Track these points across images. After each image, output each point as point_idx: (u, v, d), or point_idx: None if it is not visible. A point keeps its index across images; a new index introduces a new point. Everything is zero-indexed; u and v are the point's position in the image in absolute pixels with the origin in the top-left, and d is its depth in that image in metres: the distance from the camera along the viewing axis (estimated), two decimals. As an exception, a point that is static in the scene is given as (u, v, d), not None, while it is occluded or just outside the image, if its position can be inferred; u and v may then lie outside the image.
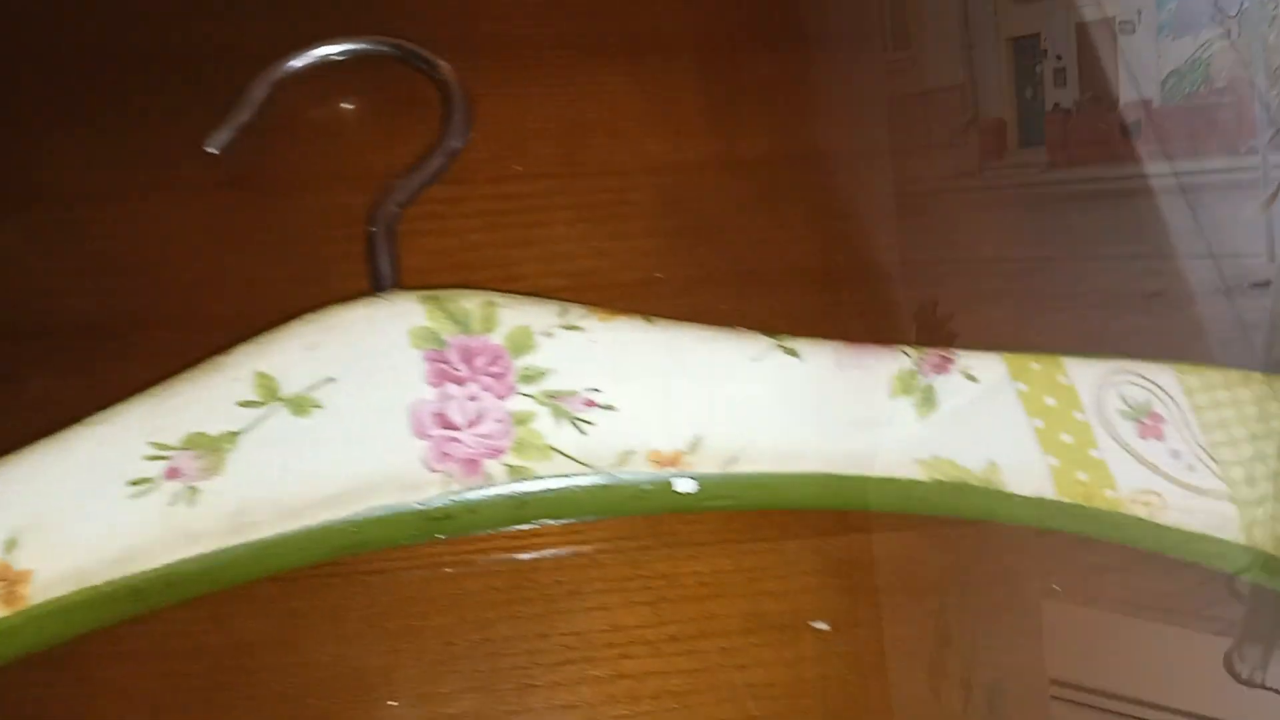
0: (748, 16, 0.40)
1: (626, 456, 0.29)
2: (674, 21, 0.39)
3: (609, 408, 0.29)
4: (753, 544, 0.30)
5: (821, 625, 0.29)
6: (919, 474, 0.30)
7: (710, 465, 0.29)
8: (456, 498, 0.28)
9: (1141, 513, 0.29)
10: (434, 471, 0.28)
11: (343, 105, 0.37)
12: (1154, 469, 0.30)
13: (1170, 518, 0.29)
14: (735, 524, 0.31)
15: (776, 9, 0.39)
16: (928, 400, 0.30)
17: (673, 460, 0.29)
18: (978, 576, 0.30)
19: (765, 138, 0.37)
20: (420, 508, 0.28)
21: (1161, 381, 0.31)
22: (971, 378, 0.31)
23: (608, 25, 0.39)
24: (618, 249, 0.35)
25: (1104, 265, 0.36)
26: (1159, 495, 0.29)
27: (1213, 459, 0.30)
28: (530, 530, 0.30)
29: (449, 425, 0.29)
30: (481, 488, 0.28)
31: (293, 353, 0.29)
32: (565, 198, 0.35)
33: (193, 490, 0.27)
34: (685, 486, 0.29)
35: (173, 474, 0.28)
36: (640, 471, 0.29)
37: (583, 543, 0.30)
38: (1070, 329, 0.34)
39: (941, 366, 0.31)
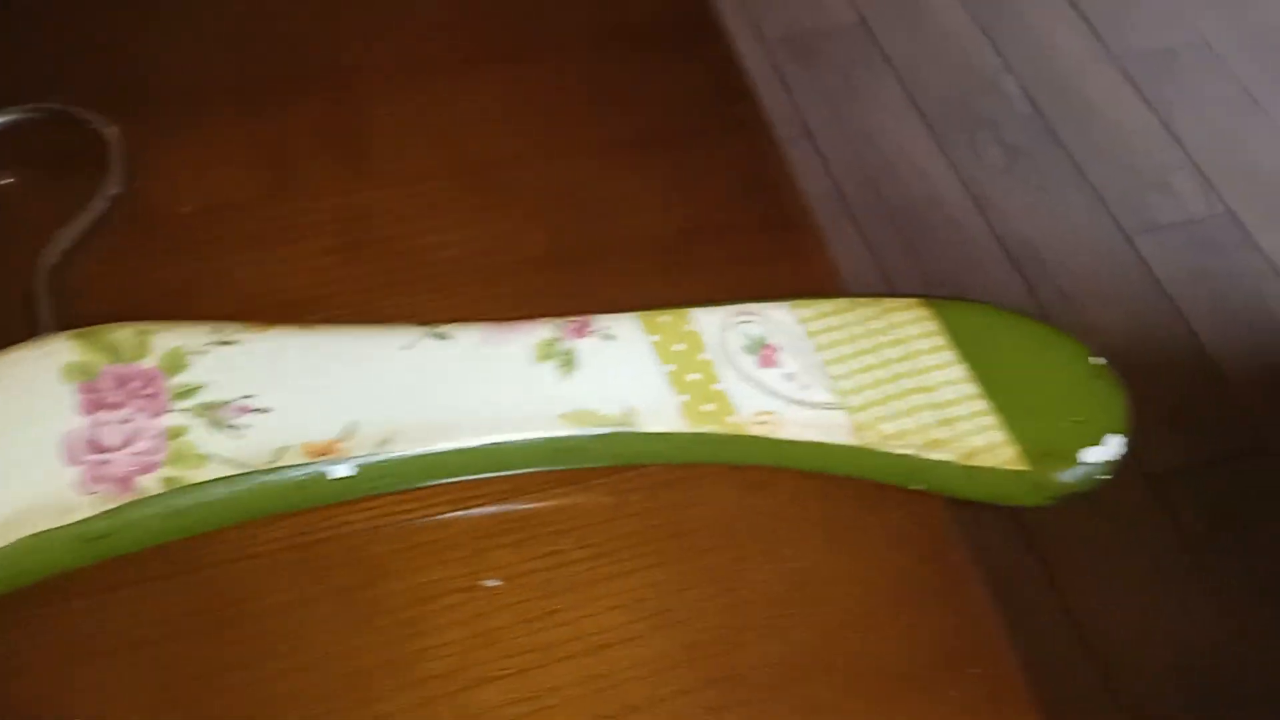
0: (396, 47, 0.43)
1: (281, 452, 0.31)
2: (321, 61, 0.42)
3: (263, 410, 0.31)
4: (421, 520, 0.32)
5: (493, 582, 0.32)
6: (564, 428, 0.32)
7: (365, 449, 0.31)
8: (112, 516, 0.29)
9: (760, 431, 0.32)
10: (87, 494, 0.29)
11: (5, 172, 0.38)
12: (772, 393, 0.33)
13: (787, 432, 0.32)
14: (404, 505, 0.32)
15: (427, 38, 0.43)
16: (568, 362, 0.33)
17: (327, 449, 0.31)
18: (638, 511, 0.33)
19: (422, 156, 0.40)
20: (75, 529, 0.29)
21: (777, 317, 0.35)
22: (609, 337, 0.34)
23: (264, 70, 0.41)
24: (288, 270, 0.37)
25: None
26: (775, 414, 0.33)
27: (827, 376, 0.34)
28: (205, 547, 0.31)
29: (101, 449, 0.30)
30: (137, 504, 0.30)
31: (-59, 404, 0.30)
32: (235, 228, 0.37)
33: None
34: (342, 471, 0.31)
35: None
36: (296, 464, 0.31)
37: (257, 550, 0.32)
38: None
39: (580, 330, 0.34)
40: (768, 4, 1.67)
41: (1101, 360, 0.34)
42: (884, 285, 1.37)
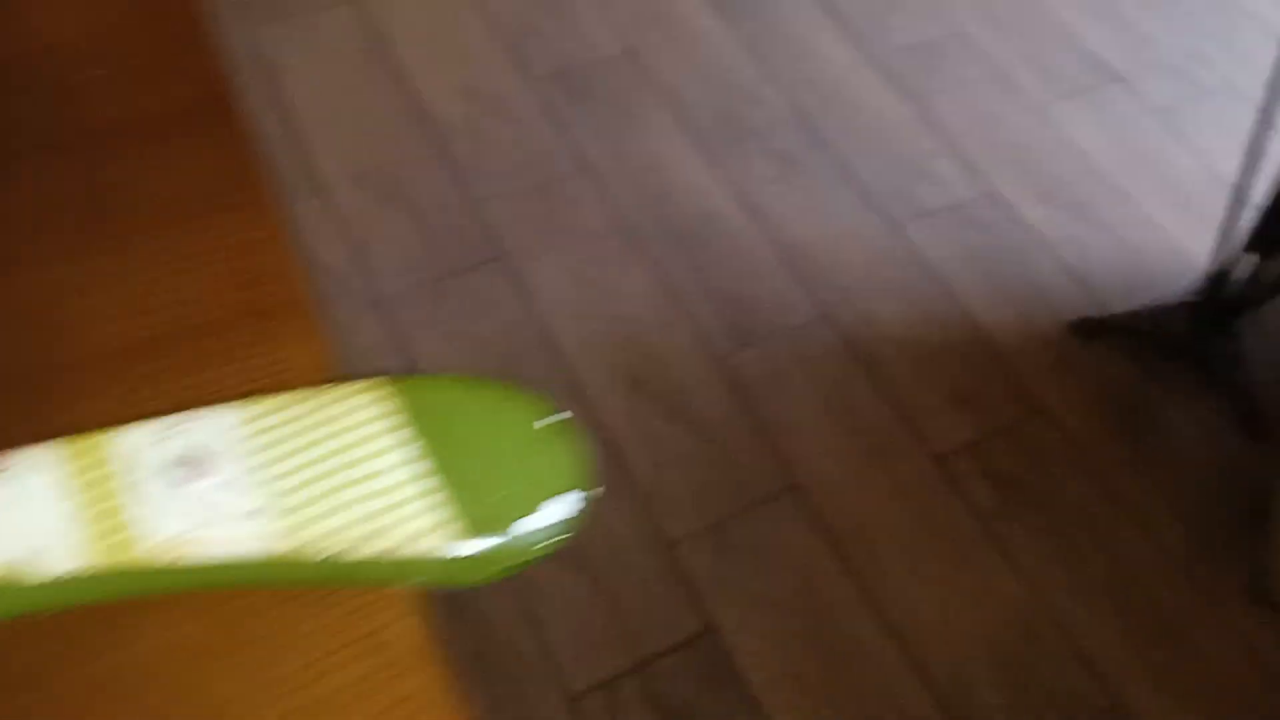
0: None
1: None
2: None
3: None
4: None
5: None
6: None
7: None
8: None
9: (177, 557, 0.31)
10: None
11: None
12: (197, 510, 0.31)
13: (209, 551, 0.31)
14: None
15: None
16: (-27, 509, 0.31)
17: None
18: (52, 668, 0.31)
19: None
20: None
21: (218, 422, 0.33)
22: (12, 476, 0.32)
23: None
24: None
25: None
26: (196, 534, 0.31)
27: (265, 480, 0.32)
28: None
29: None
30: None
31: None
32: None
33: None
34: None
35: None
36: None
37: None
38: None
39: (-10, 472, 0.32)
40: (535, 42, 1.68)
41: (558, 417, 0.34)
42: (673, 307, 1.37)
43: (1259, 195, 1.46)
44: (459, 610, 1.14)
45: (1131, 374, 1.34)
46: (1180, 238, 1.48)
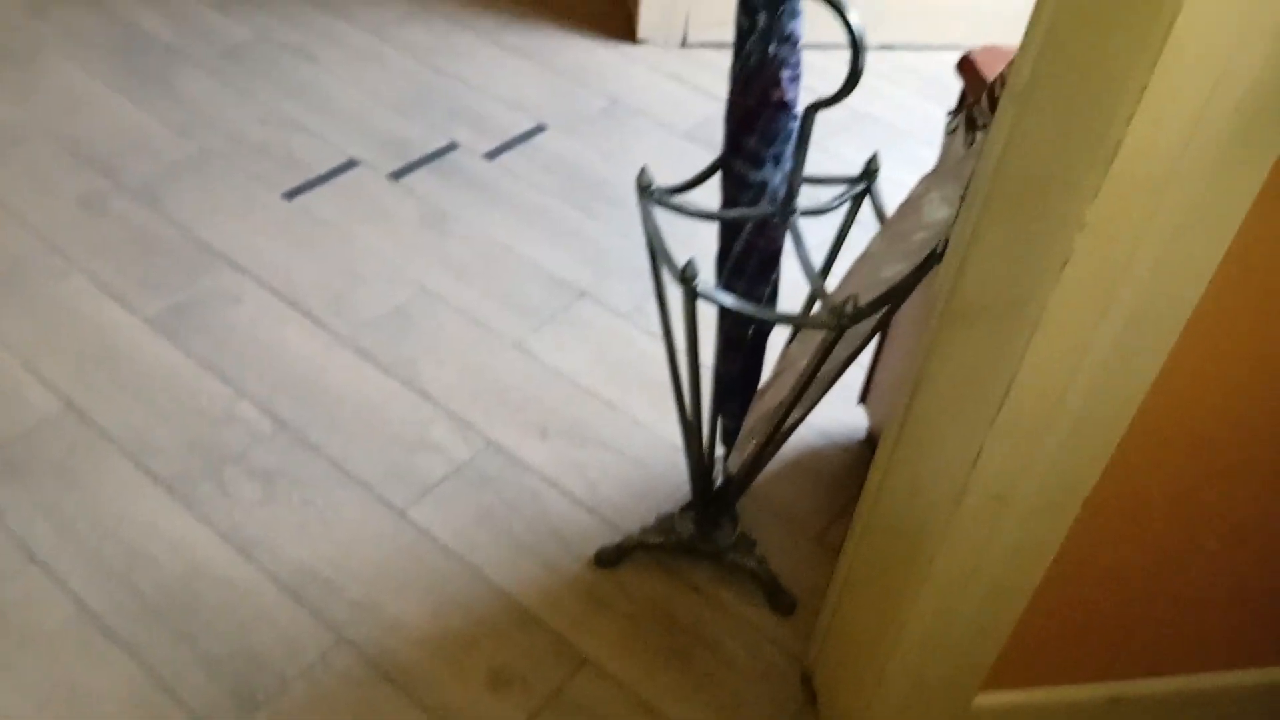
0: None
1: None
2: None
3: None
4: None
5: None
6: None
7: None
8: None
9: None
10: None
11: None
12: None
13: None
14: None
15: None
16: None
17: None
18: None
19: None
20: None
21: None
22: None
23: None
24: None
25: None
26: None
27: None
28: None
29: None
30: None
31: None
32: None
33: None
34: None
35: None
36: None
37: None
38: None
39: None
40: (-51, 428, 1.45)
41: None
42: (161, 694, 1.18)
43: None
44: None
45: (661, 591, 1.34)
46: (672, 434, 1.54)
